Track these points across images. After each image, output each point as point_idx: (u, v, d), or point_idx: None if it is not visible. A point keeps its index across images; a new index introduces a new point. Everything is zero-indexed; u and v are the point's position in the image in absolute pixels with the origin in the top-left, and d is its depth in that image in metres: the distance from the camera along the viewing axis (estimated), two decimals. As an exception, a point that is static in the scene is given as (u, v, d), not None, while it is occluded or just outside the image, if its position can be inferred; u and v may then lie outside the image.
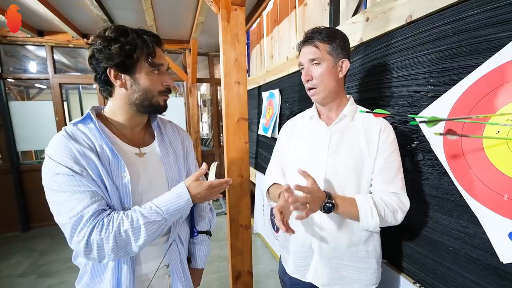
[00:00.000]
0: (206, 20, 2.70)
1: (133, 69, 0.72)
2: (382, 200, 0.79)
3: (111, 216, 0.67)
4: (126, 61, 0.70)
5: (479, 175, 0.72)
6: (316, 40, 0.84)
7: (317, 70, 0.85)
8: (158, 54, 0.75)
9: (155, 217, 0.69)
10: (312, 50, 0.85)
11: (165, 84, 0.78)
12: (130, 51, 0.69)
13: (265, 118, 2.56)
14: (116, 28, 0.70)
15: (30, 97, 3.99)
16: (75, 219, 0.64)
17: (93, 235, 0.64)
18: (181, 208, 0.73)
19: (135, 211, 0.69)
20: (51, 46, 3.20)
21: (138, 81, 0.73)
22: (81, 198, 0.65)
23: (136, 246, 0.67)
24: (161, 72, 0.77)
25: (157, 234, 0.71)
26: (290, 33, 2.12)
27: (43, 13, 2.40)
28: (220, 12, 1.40)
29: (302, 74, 0.89)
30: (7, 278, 2.34)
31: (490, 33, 0.70)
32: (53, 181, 0.65)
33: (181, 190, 0.73)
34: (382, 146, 0.83)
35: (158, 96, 0.77)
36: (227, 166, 1.56)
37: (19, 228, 3.21)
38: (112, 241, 0.65)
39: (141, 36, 0.72)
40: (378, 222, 0.78)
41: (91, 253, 0.65)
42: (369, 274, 0.88)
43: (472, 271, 0.78)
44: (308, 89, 0.89)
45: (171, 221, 0.74)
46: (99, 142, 0.72)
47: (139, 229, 0.67)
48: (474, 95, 0.73)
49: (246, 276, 1.67)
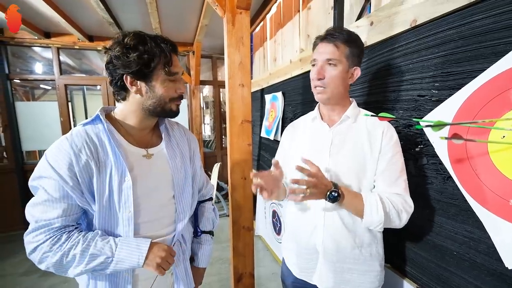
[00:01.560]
0: (210, 23, 2.72)
1: (149, 77, 0.73)
2: (388, 199, 0.78)
3: (72, 233, 0.70)
4: (143, 69, 0.71)
5: (484, 179, 0.72)
6: (338, 39, 0.82)
7: (331, 72, 0.84)
8: (174, 63, 0.76)
9: (106, 251, 0.69)
10: (331, 50, 0.83)
11: (179, 92, 0.79)
12: (148, 60, 0.70)
13: (267, 121, 2.57)
14: (135, 36, 0.71)
15: (36, 97, 4.03)
16: (43, 223, 0.67)
17: (45, 244, 0.67)
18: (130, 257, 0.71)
19: (93, 238, 0.70)
20: (57, 47, 3.24)
21: (153, 89, 0.74)
22: (57, 207, 0.68)
23: (72, 272, 0.69)
24: (177, 80, 0.78)
25: (97, 268, 0.70)
26: (294, 36, 2.13)
27: (50, 15, 2.43)
28: (225, 15, 1.41)
29: (312, 71, 0.87)
30: (10, 276, 2.35)
31: (495, 38, 0.70)
32: (40, 180, 0.68)
33: (144, 244, 0.73)
34: (385, 147, 0.82)
35: (171, 102, 0.78)
36: (230, 168, 1.56)
37: (23, 227, 3.20)
38: (58, 258, 0.67)
39: (159, 45, 0.72)
40: (383, 218, 0.76)
41: (33, 254, 0.68)
42: (372, 277, 0.88)
43: (477, 276, 0.77)
44: (315, 87, 0.88)
45: (114, 266, 0.71)
46: (104, 145, 0.73)
47: (85, 257, 0.68)
48: (479, 99, 0.73)
49: (248, 278, 1.67)
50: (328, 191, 0.76)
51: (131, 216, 0.73)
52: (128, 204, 0.73)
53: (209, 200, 1.09)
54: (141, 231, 0.77)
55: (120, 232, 0.74)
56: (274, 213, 2.48)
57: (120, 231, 0.74)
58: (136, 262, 0.70)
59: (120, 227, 0.74)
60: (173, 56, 0.76)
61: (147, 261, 0.71)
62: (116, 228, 0.74)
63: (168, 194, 0.83)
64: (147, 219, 0.78)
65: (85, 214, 0.75)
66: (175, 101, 0.79)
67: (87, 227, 0.76)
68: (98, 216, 0.71)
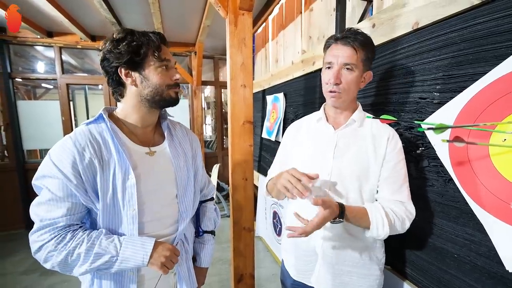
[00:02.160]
0: (212, 24, 2.73)
1: (142, 66, 0.75)
2: (392, 211, 0.79)
3: (76, 232, 0.70)
4: (134, 58, 0.73)
5: (485, 182, 0.72)
6: (356, 42, 0.80)
7: (348, 77, 0.81)
8: (164, 51, 0.78)
9: (111, 250, 0.69)
10: (350, 53, 0.80)
11: (174, 78, 0.79)
12: (137, 47, 0.72)
13: (269, 122, 2.57)
14: (123, 30, 0.74)
15: (37, 96, 4.04)
16: (47, 222, 0.68)
17: (50, 243, 0.67)
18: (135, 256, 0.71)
19: (98, 237, 0.70)
20: (60, 47, 3.25)
21: (147, 77, 0.75)
22: (61, 206, 0.68)
23: (77, 271, 0.69)
24: (169, 67, 0.79)
25: (102, 267, 0.70)
26: (296, 37, 2.13)
27: (53, 14, 2.44)
28: (228, 16, 1.42)
29: (327, 74, 0.84)
30: (11, 275, 2.35)
31: (497, 41, 0.71)
32: (44, 179, 0.69)
33: (148, 242, 0.73)
34: (390, 154, 0.83)
35: (168, 89, 0.79)
36: (232, 169, 1.56)
37: (23, 226, 3.23)
38: (63, 257, 0.67)
39: (146, 34, 0.75)
40: (388, 232, 0.78)
41: (38, 253, 0.69)
42: (371, 280, 0.87)
43: (478, 279, 0.77)
44: (330, 91, 0.84)
45: (118, 265, 0.71)
46: (108, 144, 0.73)
47: (89, 256, 0.68)
48: (480, 102, 0.73)
49: (248, 279, 1.67)
50: (333, 218, 0.75)
51: (135, 215, 0.73)
52: (132, 202, 0.73)
53: (211, 200, 1.09)
54: (145, 230, 0.77)
55: (124, 231, 0.74)
56: (274, 214, 2.48)
57: (124, 229, 0.74)
58: (141, 261, 0.71)
59: (124, 225, 0.74)
60: (161, 45, 0.77)
61: (151, 260, 0.72)
62: (120, 226, 0.74)
63: (171, 193, 0.83)
64: (151, 218, 0.78)
65: (89, 213, 0.75)
66: (172, 88, 0.80)
67: (91, 226, 0.77)
68: (102, 215, 0.72)
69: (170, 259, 0.74)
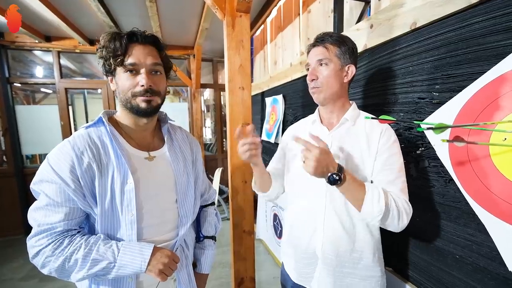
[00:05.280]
0: (211, 27, 2.73)
1: (114, 72, 0.74)
2: (391, 195, 0.76)
3: (74, 237, 0.69)
4: (105, 64, 0.73)
5: (486, 182, 0.71)
6: (327, 42, 0.86)
7: (323, 71, 0.86)
8: (134, 53, 0.71)
9: (108, 256, 0.68)
10: (321, 51, 0.86)
11: (140, 84, 0.71)
12: (107, 54, 0.71)
13: (268, 124, 2.57)
14: (104, 35, 0.73)
15: (36, 101, 4.03)
16: (45, 227, 0.67)
17: (47, 248, 0.67)
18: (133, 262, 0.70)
19: (95, 243, 0.69)
20: (58, 51, 3.26)
21: (117, 83, 0.75)
22: (59, 211, 0.68)
23: (74, 277, 0.69)
24: (138, 71, 0.72)
25: (100, 273, 0.69)
26: (294, 39, 2.13)
27: (51, 19, 2.44)
28: (225, 18, 1.42)
29: (308, 75, 0.90)
30: (9, 281, 2.33)
31: (495, 40, 0.70)
32: (41, 184, 0.68)
33: (147, 249, 0.72)
34: (382, 148, 0.82)
35: (134, 97, 0.72)
36: (231, 171, 1.56)
37: (23, 231, 3.21)
38: (60, 262, 0.67)
39: (113, 38, 0.71)
40: (383, 210, 0.72)
41: (35, 259, 0.68)
42: (373, 282, 0.86)
43: (480, 280, 0.76)
44: (311, 88, 0.90)
45: (116, 271, 0.69)
46: (107, 147, 0.73)
47: (87, 262, 0.67)
48: (480, 102, 0.73)
49: (249, 283, 1.66)
50: (330, 173, 0.73)
51: (134, 220, 0.72)
52: (130, 207, 0.72)
53: (211, 205, 1.08)
54: (144, 236, 0.76)
55: (123, 236, 0.73)
56: (275, 216, 2.47)
57: (123, 234, 0.73)
58: (139, 268, 0.70)
59: (123, 230, 0.73)
60: (134, 46, 0.71)
61: (149, 267, 0.70)
62: (119, 231, 0.73)
63: (171, 198, 0.82)
64: (150, 223, 0.77)
65: (88, 218, 0.74)
66: (140, 96, 0.72)
67: (90, 231, 0.76)
68: (101, 220, 0.71)
69: (168, 266, 0.73)
